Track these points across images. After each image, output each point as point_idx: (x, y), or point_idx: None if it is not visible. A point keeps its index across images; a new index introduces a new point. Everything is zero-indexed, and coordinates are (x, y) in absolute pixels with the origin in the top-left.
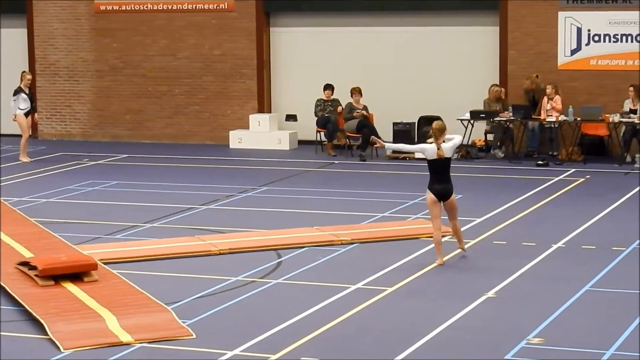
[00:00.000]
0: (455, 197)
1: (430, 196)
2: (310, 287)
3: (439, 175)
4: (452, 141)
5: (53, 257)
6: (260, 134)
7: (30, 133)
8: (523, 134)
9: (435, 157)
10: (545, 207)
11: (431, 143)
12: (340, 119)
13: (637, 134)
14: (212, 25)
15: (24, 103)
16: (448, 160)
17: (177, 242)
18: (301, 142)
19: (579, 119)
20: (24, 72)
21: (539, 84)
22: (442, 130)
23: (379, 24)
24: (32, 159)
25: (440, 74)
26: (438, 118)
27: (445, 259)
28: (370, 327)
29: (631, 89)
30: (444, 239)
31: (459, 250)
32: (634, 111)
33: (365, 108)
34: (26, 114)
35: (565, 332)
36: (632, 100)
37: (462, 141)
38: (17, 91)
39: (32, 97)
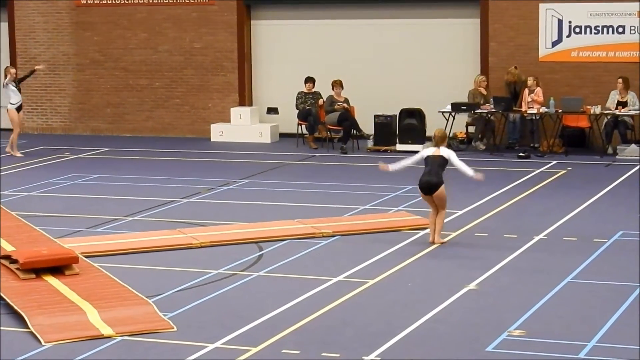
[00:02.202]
0: (444, 192)
1: (419, 190)
2: (292, 279)
3: (428, 168)
4: (454, 157)
5: (34, 250)
6: (241, 127)
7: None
8: (504, 126)
9: (431, 153)
10: (526, 199)
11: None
12: (321, 112)
13: (618, 126)
14: (193, 18)
15: (15, 97)
16: (442, 159)
17: (158, 235)
18: (282, 135)
19: (560, 110)
20: (7, 67)
21: (520, 76)
22: (443, 138)
23: (360, 17)
24: (22, 153)
25: (422, 66)
26: (419, 111)
27: (426, 251)
28: (351, 319)
29: (620, 80)
30: (422, 232)
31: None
32: (622, 103)
33: (346, 101)
34: (17, 109)
35: (546, 324)
36: (620, 92)
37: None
38: (6, 84)
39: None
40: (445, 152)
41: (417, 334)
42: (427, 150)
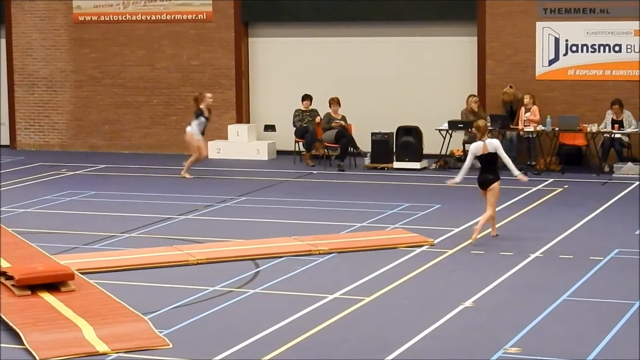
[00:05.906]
0: (499, 187)
1: (478, 186)
2: (288, 296)
3: (483, 167)
4: (501, 150)
5: (30, 267)
6: (238, 144)
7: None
8: (501, 144)
9: (481, 152)
10: (523, 216)
11: (476, 142)
12: (318, 129)
13: (614, 144)
14: (191, 35)
15: (198, 126)
16: (492, 155)
17: (154, 252)
18: (280, 153)
19: (556, 129)
20: (201, 93)
21: (516, 94)
22: (486, 129)
23: (357, 34)
24: (192, 176)
25: (419, 84)
26: (416, 128)
27: (422, 268)
28: (348, 336)
29: (616, 107)
30: (419, 250)
31: (470, 241)
32: (618, 122)
33: (343, 118)
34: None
35: (542, 342)
36: (616, 112)
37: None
38: (199, 114)
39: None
40: (491, 145)
41: (414, 350)
42: (474, 148)
